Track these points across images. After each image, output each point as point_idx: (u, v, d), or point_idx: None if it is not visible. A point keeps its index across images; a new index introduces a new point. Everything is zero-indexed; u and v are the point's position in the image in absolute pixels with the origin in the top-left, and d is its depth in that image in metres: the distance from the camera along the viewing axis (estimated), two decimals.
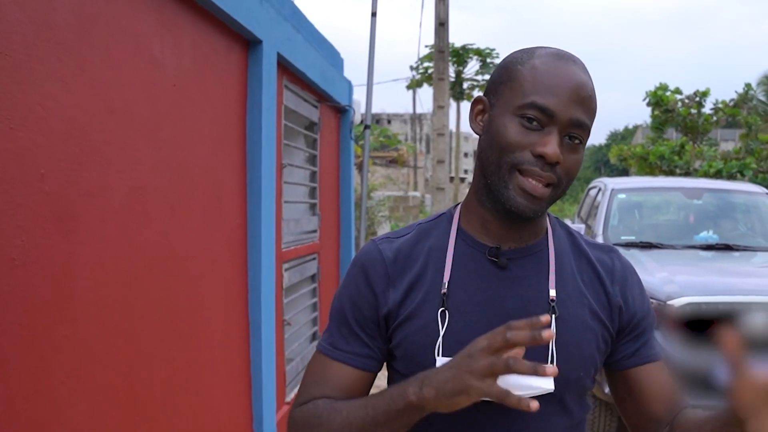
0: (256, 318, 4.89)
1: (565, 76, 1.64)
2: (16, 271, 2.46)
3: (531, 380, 1.56)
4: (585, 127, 1.64)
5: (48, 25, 2.61)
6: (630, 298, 1.76)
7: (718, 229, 8.06)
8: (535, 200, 1.63)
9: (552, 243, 1.76)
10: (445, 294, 1.72)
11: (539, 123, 1.62)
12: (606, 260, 1.79)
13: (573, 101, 1.62)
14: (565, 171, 1.63)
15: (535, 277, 1.72)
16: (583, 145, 1.67)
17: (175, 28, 3.65)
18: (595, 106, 1.65)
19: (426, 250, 1.80)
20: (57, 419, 2.72)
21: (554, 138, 1.60)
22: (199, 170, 4.01)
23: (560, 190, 1.66)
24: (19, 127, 2.45)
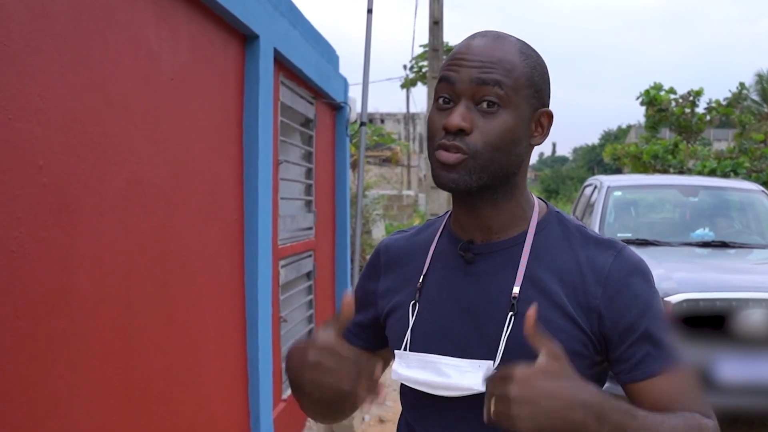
0: (252, 314, 4.88)
1: (465, 48, 1.64)
2: (15, 264, 2.44)
3: (466, 377, 1.59)
4: (496, 85, 1.57)
5: (46, 16, 2.59)
6: (616, 303, 1.63)
7: (714, 227, 8.07)
8: (450, 168, 1.59)
9: (530, 240, 1.70)
10: (419, 287, 1.76)
11: (450, 100, 1.61)
12: (599, 259, 1.67)
13: (474, 66, 1.59)
14: (483, 138, 1.58)
15: (502, 273, 1.68)
16: (506, 109, 1.59)
17: (172, 21, 3.63)
18: (516, 70, 1.60)
19: (418, 244, 1.86)
20: (55, 413, 2.71)
21: (458, 109, 1.58)
22: (196, 165, 3.99)
23: (481, 161, 1.58)
24: (18, 118, 2.43)
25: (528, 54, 1.64)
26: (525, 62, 1.62)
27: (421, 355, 1.68)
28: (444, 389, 1.62)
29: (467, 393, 1.59)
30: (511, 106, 1.59)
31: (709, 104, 23.80)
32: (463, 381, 1.58)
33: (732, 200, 8.66)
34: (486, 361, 1.59)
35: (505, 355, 1.60)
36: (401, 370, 1.70)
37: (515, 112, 1.60)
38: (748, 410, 6.03)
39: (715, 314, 5.86)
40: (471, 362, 1.60)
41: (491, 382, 1.46)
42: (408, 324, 1.74)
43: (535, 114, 1.65)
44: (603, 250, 1.68)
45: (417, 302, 1.75)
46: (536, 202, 1.78)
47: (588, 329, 1.63)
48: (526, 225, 1.73)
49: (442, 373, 1.62)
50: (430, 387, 1.64)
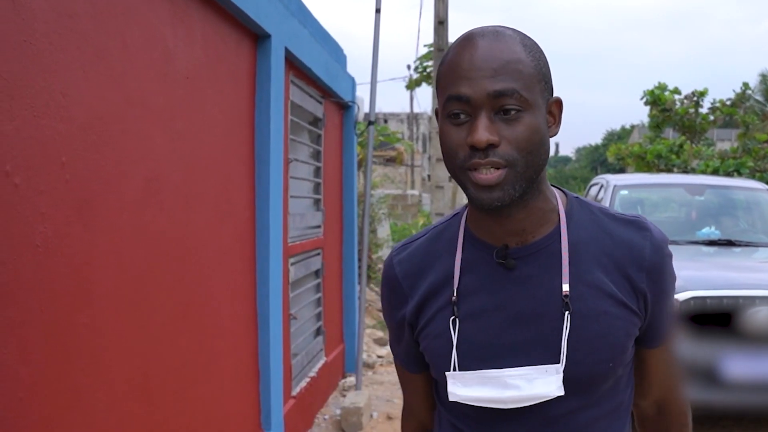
0: (264, 311, 4.92)
1: (469, 56, 1.53)
2: (40, 258, 2.48)
3: (536, 384, 1.57)
4: (511, 93, 1.50)
5: (69, 15, 2.63)
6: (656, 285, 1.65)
7: (719, 225, 8.07)
8: (493, 189, 1.51)
9: (565, 233, 1.64)
10: (455, 302, 1.67)
11: (466, 114, 1.52)
12: (638, 243, 1.66)
13: (484, 76, 1.50)
14: (513, 146, 1.50)
15: (547, 274, 1.62)
16: (528, 111, 1.52)
17: (187, 20, 3.67)
18: (525, 67, 1.53)
19: (438, 255, 1.76)
20: (78, 405, 2.75)
21: (480, 122, 1.49)
22: (210, 163, 4.03)
23: (520, 168, 1.52)
24: (43, 115, 2.47)
25: (530, 46, 1.57)
26: (531, 56, 1.55)
27: (480, 373, 1.61)
28: (517, 402, 1.59)
29: (543, 400, 1.57)
30: (531, 107, 1.52)
31: (713, 104, 23.78)
32: (535, 389, 1.56)
33: (738, 199, 8.66)
34: (553, 365, 1.57)
35: (569, 354, 1.57)
36: (460, 392, 1.63)
37: (535, 112, 1.53)
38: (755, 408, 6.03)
39: (722, 312, 5.87)
40: (537, 368, 1.58)
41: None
42: (452, 342, 1.65)
43: (548, 105, 1.59)
44: (636, 231, 1.67)
45: (457, 318, 1.65)
46: (556, 191, 1.73)
47: (637, 310, 1.63)
48: (555, 218, 1.67)
49: (509, 385, 1.58)
50: (501, 402, 1.60)
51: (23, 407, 2.41)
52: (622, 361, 1.63)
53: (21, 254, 2.38)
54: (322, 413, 6.82)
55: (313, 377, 6.53)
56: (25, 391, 2.41)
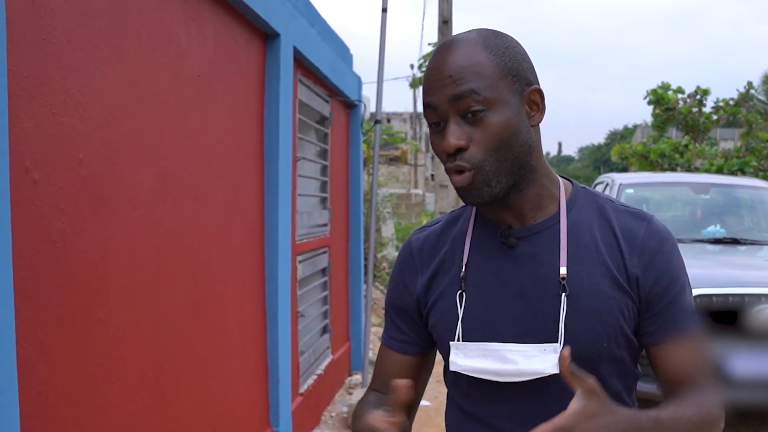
0: (272, 309, 4.95)
1: (433, 68, 1.64)
2: (57, 254, 2.51)
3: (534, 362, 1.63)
4: (469, 93, 1.58)
5: (87, 14, 2.66)
6: (651, 270, 1.69)
7: (724, 224, 8.10)
8: (467, 189, 1.63)
9: (564, 218, 1.73)
10: (463, 277, 1.76)
11: (439, 121, 1.63)
12: (633, 228, 1.72)
13: (445, 84, 1.60)
14: (481, 148, 1.60)
15: (546, 254, 1.70)
16: (493, 109, 1.59)
17: (199, 19, 3.70)
18: (478, 68, 1.59)
19: (452, 236, 1.86)
20: (93, 399, 2.78)
21: (449, 129, 1.60)
22: (221, 161, 4.06)
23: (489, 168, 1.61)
24: (61, 112, 2.50)
25: (493, 45, 1.63)
26: (491, 55, 1.61)
27: (481, 344, 1.69)
28: (513, 376, 1.65)
29: (538, 376, 1.63)
30: (496, 104, 1.59)
31: (717, 103, 23.79)
32: (532, 365, 1.63)
33: (742, 198, 8.68)
34: (551, 344, 1.63)
35: (567, 334, 1.63)
36: (461, 361, 1.71)
37: (502, 108, 1.60)
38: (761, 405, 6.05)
39: (728, 310, 5.89)
40: (536, 346, 1.64)
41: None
42: (458, 314, 1.73)
43: (523, 97, 1.64)
44: (635, 220, 1.74)
45: (464, 292, 1.74)
46: (560, 180, 1.80)
47: (629, 290, 1.68)
48: (556, 204, 1.75)
49: (508, 360, 1.65)
50: (498, 375, 1.66)
51: (42, 401, 2.44)
52: (618, 343, 1.68)
53: (39, 249, 2.42)
54: (329, 411, 6.85)
55: (320, 375, 6.56)
56: (43, 385, 2.45)
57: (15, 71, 2.22)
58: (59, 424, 2.55)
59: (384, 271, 14.04)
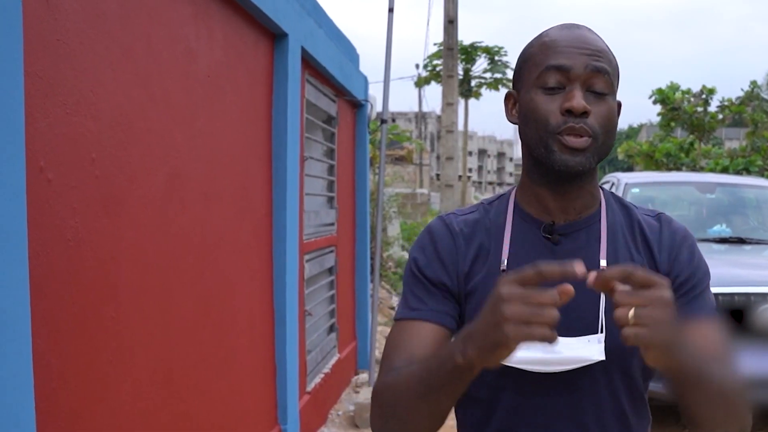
0: (281, 307, 4.98)
1: (573, 36, 1.71)
2: (70, 252, 2.54)
3: (580, 351, 1.66)
4: (605, 74, 1.67)
5: (97, 14, 2.69)
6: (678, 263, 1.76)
7: (730, 223, 8.11)
8: (579, 153, 1.66)
9: (605, 214, 1.80)
10: (504, 271, 1.76)
11: (560, 84, 1.67)
12: (655, 227, 1.81)
13: (585, 54, 1.67)
14: (598, 122, 1.66)
15: (588, 249, 1.75)
16: (611, 96, 1.69)
17: (208, 19, 3.73)
18: (613, 60, 1.72)
19: (488, 227, 1.86)
20: (105, 396, 2.81)
21: (577, 91, 1.65)
22: (229, 160, 4.09)
23: (600, 143, 1.68)
24: (74, 112, 2.53)
25: (610, 48, 1.76)
26: (612, 55, 1.74)
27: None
28: (562, 364, 1.67)
29: (586, 363, 1.66)
30: (613, 94, 1.70)
31: (722, 103, 23.80)
32: (579, 353, 1.66)
33: (748, 197, 8.69)
34: (594, 335, 1.67)
35: (607, 326, 1.68)
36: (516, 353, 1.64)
37: (613, 99, 1.70)
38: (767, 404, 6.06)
39: (734, 309, 5.91)
40: (578, 339, 1.67)
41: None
42: None
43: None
44: (654, 219, 1.82)
45: None
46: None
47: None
48: (598, 203, 1.82)
49: (552, 351, 1.65)
50: (547, 364, 1.68)
51: (56, 397, 2.47)
52: None
53: (53, 247, 2.45)
54: (336, 409, 6.88)
55: (327, 373, 6.59)
56: (57, 381, 2.48)
57: (30, 71, 2.24)
58: (73, 420, 2.58)
59: (390, 271, 14.06)
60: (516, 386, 1.75)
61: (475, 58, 41.04)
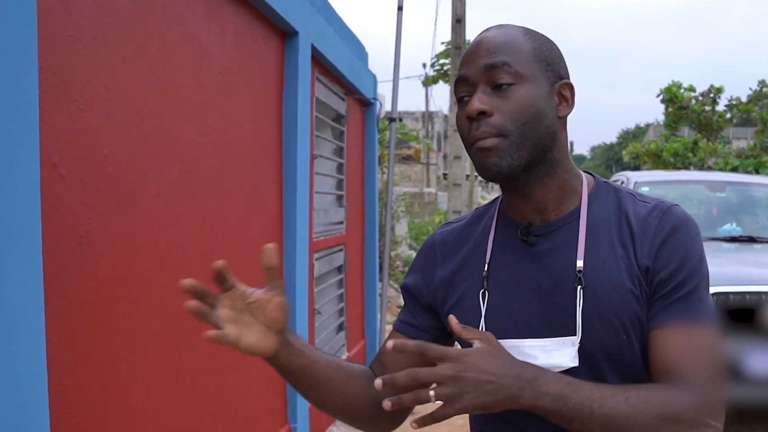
0: (290, 305, 4.95)
1: (474, 43, 1.70)
2: (83, 248, 2.54)
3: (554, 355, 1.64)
4: (501, 65, 1.63)
5: (111, 11, 2.69)
6: (659, 257, 1.65)
7: (740, 222, 8.09)
8: (488, 152, 1.64)
9: (584, 212, 1.73)
10: (485, 276, 1.77)
11: (468, 93, 1.66)
12: (647, 218, 1.69)
13: (481, 56, 1.65)
14: (507, 116, 1.62)
15: (564, 249, 1.71)
16: (522, 84, 1.64)
17: (220, 17, 3.73)
18: (515, 46, 1.66)
19: (475, 234, 1.87)
20: (118, 393, 2.81)
21: (475, 96, 1.64)
22: (240, 157, 4.09)
23: (514, 138, 1.63)
24: (87, 108, 2.53)
25: (533, 34, 1.70)
26: (530, 40, 1.68)
27: (502, 342, 1.66)
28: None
29: (558, 370, 1.61)
30: (526, 81, 1.64)
31: (730, 102, 23.75)
32: (552, 359, 1.63)
33: (758, 196, 8.68)
34: (570, 337, 1.64)
35: (584, 327, 1.63)
36: None
37: (531, 86, 1.64)
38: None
39: (745, 308, 5.89)
40: (554, 341, 1.65)
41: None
42: (480, 313, 1.74)
43: (554, 87, 1.69)
44: (651, 210, 1.70)
45: (486, 290, 1.76)
46: (584, 175, 1.81)
47: (645, 284, 1.65)
48: (578, 199, 1.76)
49: (527, 355, 1.64)
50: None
51: (69, 393, 2.46)
52: (636, 334, 1.65)
53: (66, 244, 2.44)
54: None
55: None
56: (70, 377, 2.47)
57: (44, 67, 2.24)
58: (86, 418, 2.58)
59: (398, 270, 14.06)
60: None
61: None
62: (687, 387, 1.55)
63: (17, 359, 2.00)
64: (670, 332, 1.61)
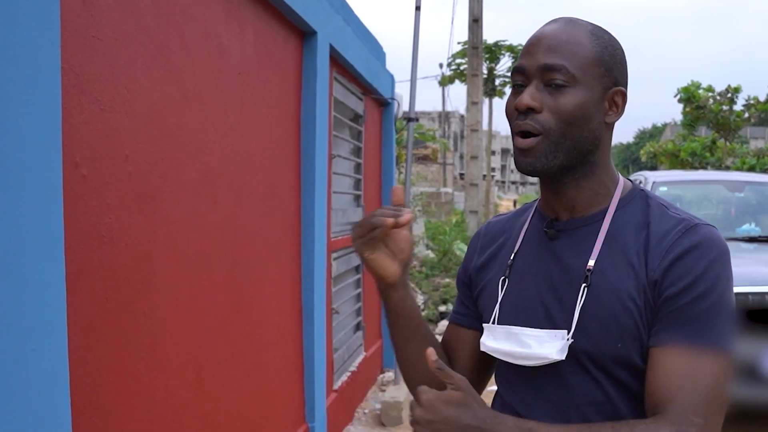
0: (308, 305, 4.98)
1: (537, 34, 1.71)
2: (105, 248, 2.55)
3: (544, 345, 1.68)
4: (559, 68, 1.64)
5: (132, 11, 2.70)
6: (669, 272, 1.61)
7: (759, 222, 8.05)
8: (525, 153, 1.67)
9: (610, 216, 1.72)
10: (510, 264, 1.84)
11: (523, 83, 1.69)
12: (668, 232, 1.65)
13: (539, 51, 1.67)
14: (554, 115, 1.64)
15: (581, 247, 1.72)
16: (575, 87, 1.65)
17: (240, 17, 3.73)
18: (576, 48, 1.66)
19: (515, 226, 1.94)
20: (137, 393, 2.82)
21: (527, 89, 1.66)
22: (259, 157, 4.09)
23: (555, 137, 1.65)
24: (109, 108, 2.54)
25: (599, 35, 1.70)
26: (594, 42, 1.68)
27: (506, 327, 1.76)
28: (524, 359, 1.71)
29: (544, 362, 1.67)
30: (580, 85, 1.65)
31: (748, 101, 23.64)
32: (541, 350, 1.67)
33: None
34: (560, 330, 1.66)
35: (579, 323, 1.65)
36: (488, 342, 1.79)
37: (584, 90, 1.65)
38: None
39: (764, 308, 5.86)
40: (548, 332, 1.68)
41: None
42: (497, 298, 1.82)
43: (607, 93, 1.68)
44: (674, 225, 1.67)
45: (507, 278, 1.83)
46: (621, 180, 1.80)
47: (651, 299, 1.62)
48: (608, 202, 1.76)
49: (524, 343, 1.71)
50: (513, 357, 1.73)
51: (90, 392, 2.47)
52: (632, 346, 1.63)
53: (88, 243, 2.45)
54: (362, 407, 6.88)
55: (354, 372, 6.59)
56: (91, 377, 2.48)
57: (66, 68, 2.25)
58: (106, 417, 2.59)
59: (415, 269, 14.05)
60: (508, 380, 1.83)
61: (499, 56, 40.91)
62: (669, 418, 1.52)
63: (39, 358, 2.01)
64: (668, 353, 1.58)
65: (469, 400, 1.57)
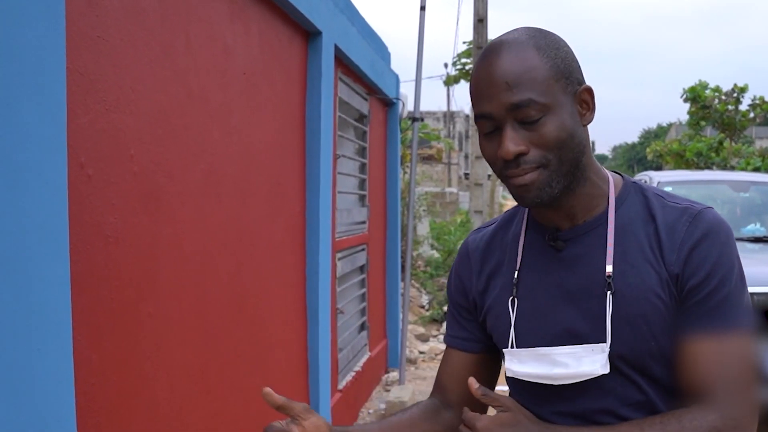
0: (313, 305, 4.98)
1: (487, 73, 1.62)
2: (110, 248, 2.55)
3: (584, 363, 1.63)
4: (528, 103, 1.57)
5: (137, 11, 2.70)
6: (689, 264, 1.62)
7: (764, 222, 8.04)
8: (529, 189, 1.61)
9: (612, 215, 1.70)
10: (515, 282, 1.77)
11: (494, 127, 1.61)
12: (676, 223, 1.66)
13: (499, 92, 1.58)
14: (542, 149, 1.59)
15: (593, 253, 1.68)
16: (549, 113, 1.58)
17: (244, 17, 3.74)
18: (534, 74, 1.58)
19: (506, 238, 1.87)
20: (143, 392, 2.82)
21: (506, 136, 1.59)
22: (264, 157, 4.10)
23: (553, 166, 1.60)
24: (114, 108, 2.54)
25: (544, 47, 1.62)
26: (544, 57, 1.60)
27: (533, 350, 1.70)
28: (566, 379, 1.66)
29: (589, 377, 1.63)
30: (551, 109, 1.58)
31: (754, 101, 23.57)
32: (582, 367, 1.63)
33: None
34: (600, 344, 1.62)
35: (614, 333, 1.62)
36: (516, 368, 1.73)
37: (558, 111, 1.59)
38: None
39: None
40: (584, 347, 1.64)
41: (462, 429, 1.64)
42: (510, 320, 1.76)
43: (575, 97, 1.63)
44: (680, 215, 1.67)
45: (515, 297, 1.76)
46: (610, 176, 1.77)
47: (675, 292, 1.63)
48: (605, 202, 1.72)
49: (558, 363, 1.66)
50: (550, 379, 1.68)
51: (94, 392, 2.48)
52: (668, 341, 1.63)
53: (93, 243, 2.46)
54: (366, 407, 6.88)
55: (358, 372, 6.59)
56: (96, 376, 2.49)
57: (71, 68, 2.25)
58: (111, 416, 2.59)
59: (420, 269, 14.06)
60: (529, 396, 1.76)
61: None
62: (713, 404, 1.55)
63: (45, 357, 2.02)
64: (699, 342, 1.59)
65: (521, 418, 1.61)
